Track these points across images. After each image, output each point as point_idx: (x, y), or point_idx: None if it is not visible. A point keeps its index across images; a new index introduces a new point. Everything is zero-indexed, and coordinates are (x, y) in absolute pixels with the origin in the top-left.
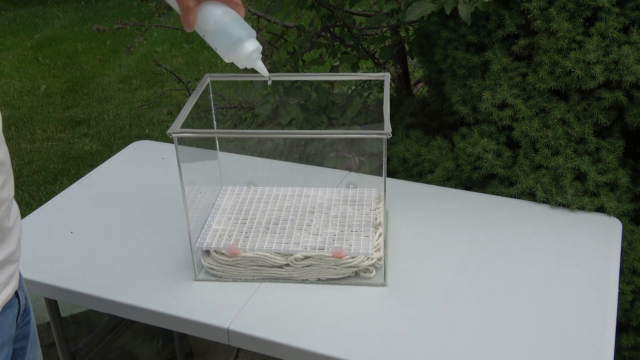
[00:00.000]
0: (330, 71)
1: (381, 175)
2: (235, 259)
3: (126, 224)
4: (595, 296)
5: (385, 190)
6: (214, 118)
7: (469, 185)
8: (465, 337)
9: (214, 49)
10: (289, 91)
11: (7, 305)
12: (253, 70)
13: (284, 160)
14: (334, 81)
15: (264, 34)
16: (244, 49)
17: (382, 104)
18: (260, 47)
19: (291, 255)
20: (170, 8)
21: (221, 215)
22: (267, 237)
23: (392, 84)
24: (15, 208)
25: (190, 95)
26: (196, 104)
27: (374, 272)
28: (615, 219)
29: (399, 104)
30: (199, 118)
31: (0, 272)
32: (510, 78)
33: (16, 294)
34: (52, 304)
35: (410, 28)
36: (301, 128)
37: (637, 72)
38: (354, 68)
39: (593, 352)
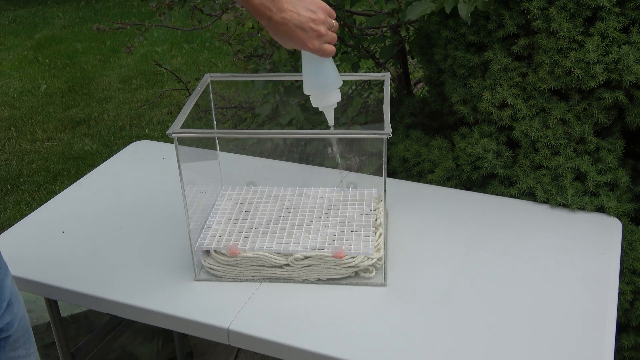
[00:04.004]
0: None
1: (381, 175)
2: (235, 259)
3: (126, 224)
4: (595, 296)
5: (385, 190)
6: (214, 118)
7: (469, 185)
8: (465, 337)
9: (304, 76)
10: (289, 91)
11: None
12: (254, 71)
13: (284, 160)
14: None
15: (265, 33)
16: (333, 96)
17: (382, 104)
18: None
19: (291, 255)
20: (170, 7)
21: (221, 215)
22: (267, 237)
23: (392, 84)
24: None
25: (190, 95)
26: (196, 104)
27: (374, 272)
28: (615, 219)
29: (399, 104)
30: (199, 118)
31: None
32: (510, 78)
33: None
34: (52, 304)
35: (411, 28)
36: (301, 128)
37: (637, 71)
38: (355, 68)
39: (593, 352)
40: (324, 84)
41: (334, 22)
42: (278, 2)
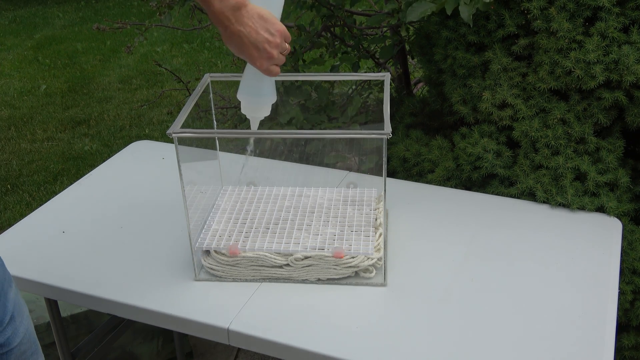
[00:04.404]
0: (331, 71)
1: (381, 175)
2: (235, 259)
3: (126, 224)
4: (595, 296)
5: (385, 190)
6: (214, 118)
7: (469, 185)
8: (465, 337)
9: (242, 81)
10: (289, 91)
11: None
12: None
13: (284, 160)
14: (334, 81)
15: None
16: (264, 110)
17: (382, 103)
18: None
19: (291, 255)
20: (170, 7)
21: (221, 215)
22: (267, 237)
23: (392, 84)
24: None
25: (190, 95)
26: (196, 104)
27: (374, 272)
28: (615, 219)
29: (399, 103)
30: (199, 118)
31: None
32: (510, 78)
33: None
34: (52, 304)
35: (411, 28)
36: (301, 128)
37: (637, 71)
38: (355, 68)
39: (593, 352)
40: (259, 95)
41: (287, 46)
42: (239, 15)
